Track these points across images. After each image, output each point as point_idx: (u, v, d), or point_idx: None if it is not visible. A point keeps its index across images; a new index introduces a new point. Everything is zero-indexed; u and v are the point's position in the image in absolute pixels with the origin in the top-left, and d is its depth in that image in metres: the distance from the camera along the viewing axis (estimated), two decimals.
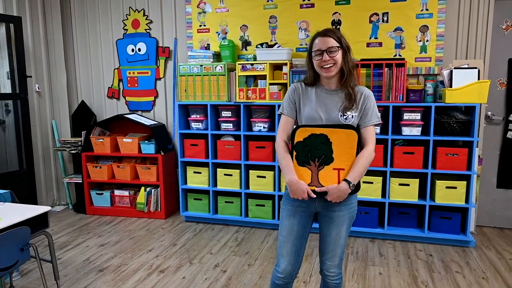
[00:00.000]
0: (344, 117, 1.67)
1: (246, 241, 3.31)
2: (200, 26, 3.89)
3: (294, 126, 1.76)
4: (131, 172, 3.99)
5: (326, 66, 1.64)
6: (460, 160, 2.99)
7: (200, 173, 3.75)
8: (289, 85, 3.34)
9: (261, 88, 3.46)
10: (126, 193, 4.07)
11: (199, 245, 3.24)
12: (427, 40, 3.27)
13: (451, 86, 2.92)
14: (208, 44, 3.89)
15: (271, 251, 3.09)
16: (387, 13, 3.33)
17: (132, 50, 4.16)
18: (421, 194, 3.18)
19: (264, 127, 3.52)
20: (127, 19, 4.12)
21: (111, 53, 4.24)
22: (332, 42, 1.63)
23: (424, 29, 3.26)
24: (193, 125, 3.73)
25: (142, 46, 4.13)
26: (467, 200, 3.04)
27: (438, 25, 3.22)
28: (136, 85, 4.22)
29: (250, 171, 3.58)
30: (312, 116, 1.70)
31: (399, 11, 3.29)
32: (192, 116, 3.73)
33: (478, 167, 3.15)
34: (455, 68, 2.91)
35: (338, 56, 1.64)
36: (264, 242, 3.29)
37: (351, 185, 1.62)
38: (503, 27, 3.24)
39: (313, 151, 1.65)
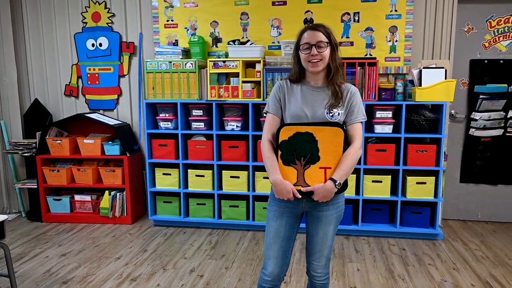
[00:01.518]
0: (330, 114, 1.67)
1: (221, 244, 3.27)
2: (168, 21, 3.79)
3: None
4: (93, 175, 3.81)
5: (313, 61, 1.64)
6: (429, 156, 3.16)
7: (169, 174, 3.66)
8: (263, 83, 3.37)
9: (233, 86, 3.45)
10: (87, 198, 3.88)
11: (171, 250, 3.16)
12: (396, 40, 3.43)
13: (420, 85, 3.08)
14: (176, 40, 3.81)
15: (247, 253, 3.09)
16: (358, 13, 3.44)
17: (93, 45, 3.97)
18: (393, 190, 3.33)
19: (237, 126, 3.50)
20: (87, 11, 3.93)
21: (69, 47, 4.02)
22: (322, 37, 1.64)
23: (393, 29, 3.42)
24: (162, 124, 3.63)
25: (103, 41, 3.96)
26: (435, 194, 3.22)
27: (407, 26, 3.38)
28: (97, 82, 4.03)
29: (223, 171, 3.55)
30: (298, 114, 1.69)
31: (369, 11, 3.42)
32: (160, 115, 3.63)
33: (444, 163, 3.34)
34: (424, 67, 3.08)
35: (326, 52, 1.65)
36: (240, 243, 3.27)
37: (337, 183, 1.61)
38: (465, 29, 3.47)
39: (299, 150, 1.63)
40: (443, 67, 3.06)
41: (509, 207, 3.65)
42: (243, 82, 3.43)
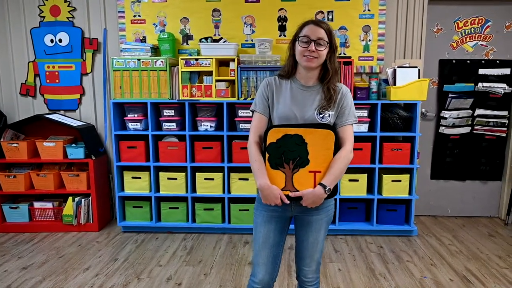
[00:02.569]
0: (321, 116, 1.61)
1: (197, 249, 3.17)
2: (135, 16, 3.63)
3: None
4: (55, 181, 3.57)
5: (309, 56, 1.58)
6: (404, 154, 3.24)
7: (139, 178, 3.51)
8: (237, 82, 3.30)
9: (207, 85, 3.35)
10: (49, 205, 3.63)
11: (144, 258, 3.02)
12: (369, 40, 3.48)
13: (395, 84, 3.14)
14: (144, 37, 3.65)
15: (225, 257, 3.01)
16: (332, 11, 3.46)
17: (52, 41, 3.73)
18: (369, 189, 3.38)
19: (211, 126, 3.41)
20: (44, 4, 3.67)
21: (24, 43, 3.74)
22: (323, 35, 1.58)
23: (366, 28, 3.47)
24: (130, 125, 3.47)
25: (63, 37, 3.72)
26: (410, 192, 3.30)
27: (379, 25, 3.44)
28: (57, 81, 3.79)
29: (196, 173, 3.44)
30: (286, 114, 1.62)
31: (343, 10, 3.45)
32: (128, 115, 3.47)
33: (417, 161, 3.44)
34: (398, 67, 3.14)
35: (324, 51, 1.59)
36: (216, 248, 3.19)
37: (326, 189, 1.55)
38: (434, 30, 3.58)
39: (287, 153, 1.57)
40: (416, 67, 3.14)
41: (477, 202, 3.82)
42: (217, 81, 3.35)
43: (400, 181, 3.27)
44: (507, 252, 3.07)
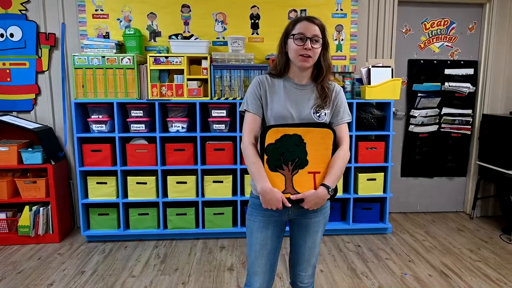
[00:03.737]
0: (317, 114, 1.58)
1: (171, 256, 3.04)
2: (97, 10, 3.43)
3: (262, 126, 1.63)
4: (9, 189, 3.29)
5: (304, 55, 1.53)
6: (378, 153, 3.30)
7: (105, 183, 3.31)
8: (210, 81, 3.21)
9: (178, 84, 3.23)
10: (1, 215, 3.34)
11: (115, 269, 2.85)
12: (342, 39, 3.52)
13: (369, 84, 3.20)
14: (108, 33, 3.46)
15: (202, 264, 2.91)
16: (305, 10, 3.47)
17: (2, 35, 3.43)
18: (345, 188, 3.42)
19: (182, 127, 3.30)
20: None
21: None
22: (318, 32, 1.53)
23: (339, 28, 3.50)
24: (95, 127, 3.27)
25: (15, 31, 3.44)
26: (384, 190, 3.38)
27: (352, 25, 3.49)
28: (8, 79, 3.49)
29: (168, 177, 3.31)
30: (282, 113, 1.57)
31: (316, 9, 3.46)
32: (92, 116, 3.26)
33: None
34: (372, 66, 3.20)
35: (319, 49, 1.55)
36: (192, 254, 3.08)
37: (330, 190, 1.52)
38: (403, 30, 3.70)
39: (286, 154, 1.51)
40: (390, 66, 3.21)
41: (444, 197, 3.99)
42: (189, 79, 3.24)
43: (375, 179, 3.33)
44: (476, 245, 3.22)
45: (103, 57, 3.17)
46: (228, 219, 3.36)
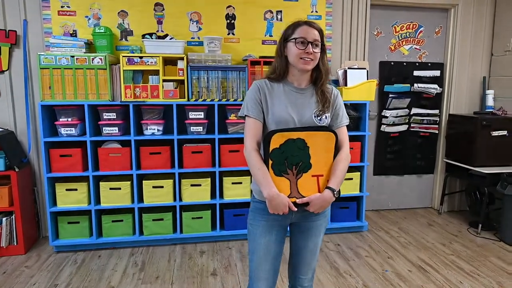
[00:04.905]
0: (318, 118, 1.60)
1: (150, 264, 2.97)
2: (63, 7, 3.27)
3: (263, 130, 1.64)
4: None
5: (306, 59, 1.55)
6: (355, 153, 3.40)
7: (75, 190, 3.17)
8: (187, 82, 3.16)
9: (153, 85, 3.15)
10: None
11: (91, 280, 2.73)
12: None
13: (346, 85, 3.28)
14: (75, 31, 3.31)
15: (184, 270, 2.86)
16: (281, 11, 3.50)
17: None
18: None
19: (158, 130, 3.22)
20: None
21: None
22: (318, 36, 1.56)
23: None
24: (63, 131, 3.12)
25: None
26: (361, 189, 3.48)
27: (326, 27, 3.56)
28: None
29: (143, 181, 3.22)
30: (284, 117, 1.58)
31: (291, 10, 3.50)
32: (61, 119, 3.11)
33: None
34: (348, 68, 3.29)
35: (319, 53, 1.58)
36: (171, 260, 3.02)
37: (335, 193, 1.56)
38: (375, 33, 3.83)
39: (290, 158, 1.53)
40: (365, 68, 3.31)
41: (413, 194, 4.18)
42: (164, 80, 3.16)
43: (352, 179, 3.43)
44: (448, 239, 3.40)
45: (72, 56, 3.03)
46: (207, 223, 3.32)
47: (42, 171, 3.32)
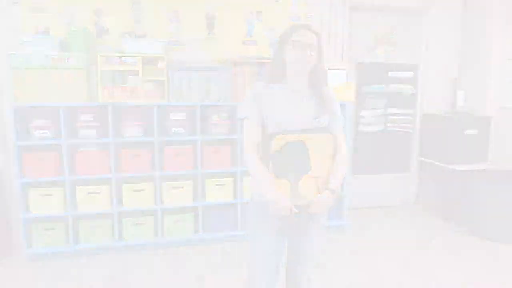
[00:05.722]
0: (318, 120, 1.61)
1: (133, 270, 2.90)
2: (34, 3, 3.14)
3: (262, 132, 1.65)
4: None
5: (303, 61, 1.58)
6: None
7: (51, 195, 3.06)
8: (168, 83, 3.11)
9: (132, 85, 3.09)
10: None
11: None
12: None
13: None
14: (47, 28, 3.19)
15: (169, 275, 2.81)
16: (261, 12, 3.52)
17: None
18: None
19: (138, 132, 3.16)
20: None
21: None
22: (315, 40, 1.60)
23: None
24: (37, 133, 3.00)
25: None
26: (341, 188, 3.55)
27: None
28: None
29: (123, 185, 3.15)
30: (284, 120, 1.59)
31: (272, 11, 3.53)
32: (34, 122, 2.99)
33: None
34: (328, 69, 3.34)
35: (316, 56, 1.61)
36: (155, 265, 2.97)
37: (335, 194, 1.59)
38: (352, 34, 3.91)
39: (290, 160, 1.55)
40: (344, 69, 3.39)
41: (391, 192, 4.31)
42: (144, 81, 3.10)
43: None
44: (427, 235, 3.54)
45: (47, 56, 2.91)
46: (189, 226, 3.29)
47: (13, 176, 3.17)
